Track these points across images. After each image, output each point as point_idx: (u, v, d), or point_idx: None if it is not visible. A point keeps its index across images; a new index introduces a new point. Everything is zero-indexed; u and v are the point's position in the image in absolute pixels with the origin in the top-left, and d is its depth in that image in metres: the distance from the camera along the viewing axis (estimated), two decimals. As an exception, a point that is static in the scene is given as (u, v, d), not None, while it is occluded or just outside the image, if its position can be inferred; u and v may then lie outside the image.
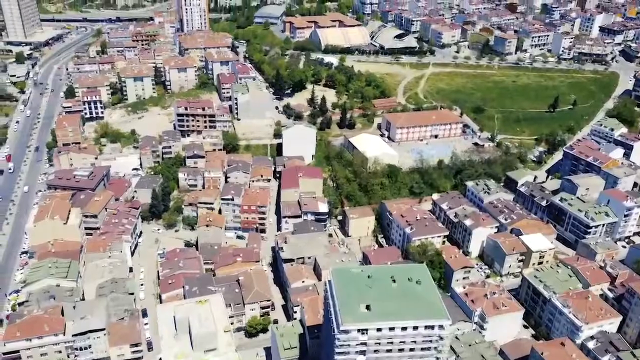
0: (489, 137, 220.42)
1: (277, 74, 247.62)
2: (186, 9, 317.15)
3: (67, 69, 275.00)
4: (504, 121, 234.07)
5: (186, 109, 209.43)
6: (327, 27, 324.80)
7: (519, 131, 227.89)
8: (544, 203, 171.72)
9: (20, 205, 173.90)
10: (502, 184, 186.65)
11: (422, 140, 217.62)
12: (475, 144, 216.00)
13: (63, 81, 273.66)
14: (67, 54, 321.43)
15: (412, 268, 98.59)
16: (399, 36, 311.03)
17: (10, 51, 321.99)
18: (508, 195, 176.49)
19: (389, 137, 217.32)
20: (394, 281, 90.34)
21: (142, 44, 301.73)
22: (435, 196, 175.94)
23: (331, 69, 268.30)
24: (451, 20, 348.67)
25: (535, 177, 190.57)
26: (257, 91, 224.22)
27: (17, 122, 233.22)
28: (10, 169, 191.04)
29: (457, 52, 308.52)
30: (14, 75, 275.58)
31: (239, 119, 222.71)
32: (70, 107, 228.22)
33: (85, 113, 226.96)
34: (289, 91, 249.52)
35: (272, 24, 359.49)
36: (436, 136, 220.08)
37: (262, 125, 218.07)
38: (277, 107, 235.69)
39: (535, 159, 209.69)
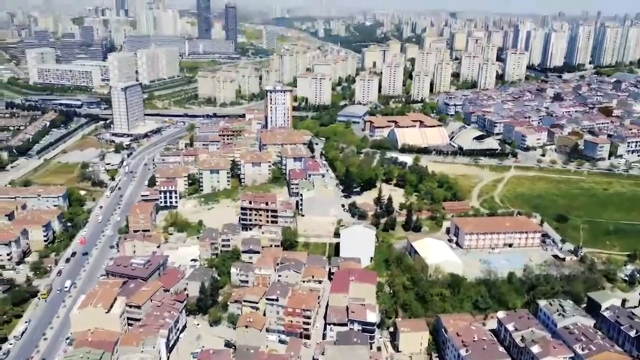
0: (572, 249, 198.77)
1: (346, 171, 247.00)
2: (271, 107, 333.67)
3: (153, 160, 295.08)
4: (590, 232, 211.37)
5: (250, 202, 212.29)
6: (406, 126, 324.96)
7: (608, 245, 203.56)
8: (632, 333, 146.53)
9: (80, 289, 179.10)
10: (583, 305, 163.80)
11: (493, 248, 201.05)
12: (555, 256, 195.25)
13: (150, 171, 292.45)
14: (162, 145, 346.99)
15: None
16: (479, 137, 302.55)
17: (114, 141, 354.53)
18: (588, 321, 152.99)
19: (457, 243, 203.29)
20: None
21: (227, 139, 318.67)
22: (500, 314, 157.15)
23: (404, 169, 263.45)
24: (538, 122, 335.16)
25: (624, 301, 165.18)
26: (322, 188, 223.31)
27: (101, 207, 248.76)
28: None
29: (543, 155, 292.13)
30: (109, 164, 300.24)
31: (303, 215, 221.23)
32: (148, 195, 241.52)
33: (161, 202, 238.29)
34: (358, 189, 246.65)
35: (354, 123, 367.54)
36: (510, 245, 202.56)
37: (324, 223, 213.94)
38: (343, 205, 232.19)
39: (626, 278, 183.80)
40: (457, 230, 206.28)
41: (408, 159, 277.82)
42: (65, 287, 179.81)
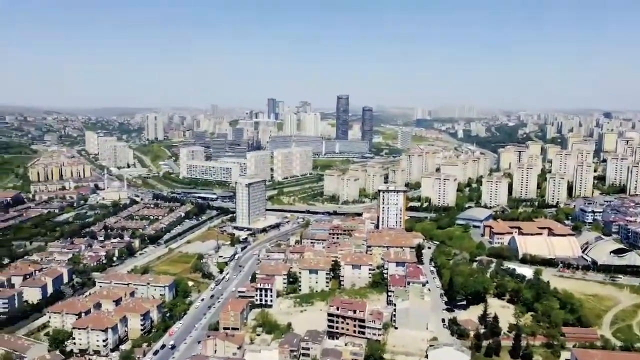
0: None
1: (450, 281, 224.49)
2: (383, 207, 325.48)
3: (259, 255, 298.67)
4: None
5: (338, 309, 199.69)
6: (530, 234, 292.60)
7: None
8: None
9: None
10: None
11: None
12: None
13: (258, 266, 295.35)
14: (277, 241, 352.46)
15: None
16: (619, 251, 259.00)
17: (233, 234, 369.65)
18: None
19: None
20: None
21: (336, 237, 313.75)
22: None
23: (521, 282, 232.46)
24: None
25: None
26: (417, 299, 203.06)
27: (202, 299, 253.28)
28: None
29: None
30: (221, 256, 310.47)
31: (396, 328, 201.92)
32: (244, 292, 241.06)
33: (256, 299, 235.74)
34: (463, 302, 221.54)
35: (474, 227, 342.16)
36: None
37: (417, 338, 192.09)
38: (443, 320, 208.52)
39: None
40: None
41: (528, 271, 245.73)
42: None
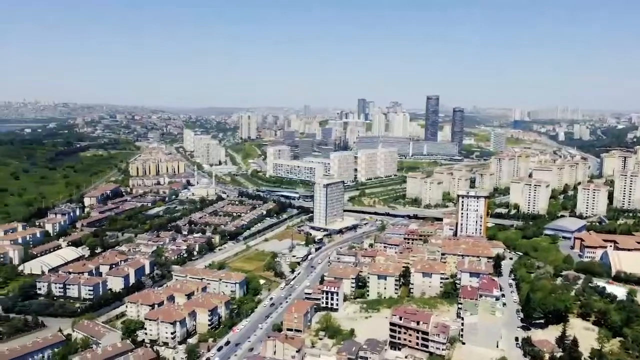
0: None
1: (527, 296, 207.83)
2: (462, 213, 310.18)
3: (329, 257, 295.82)
4: None
5: (400, 319, 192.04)
6: (628, 249, 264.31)
7: None
8: None
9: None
10: None
11: None
12: None
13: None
14: (351, 243, 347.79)
15: None
16: None
17: (310, 234, 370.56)
18: None
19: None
20: None
21: (411, 242, 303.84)
22: None
23: (611, 303, 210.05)
24: None
25: None
26: (486, 314, 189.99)
27: (271, 298, 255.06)
28: None
29: None
30: (295, 256, 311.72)
31: (463, 343, 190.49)
32: (310, 294, 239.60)
33: (322, 302, 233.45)
34: (541, 321, 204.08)
35: (564, 238, 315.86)
36: None
37: (485, 356, 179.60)
38: (516, 338, 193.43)
39: None
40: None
41: (620, 290, 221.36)
42: None
